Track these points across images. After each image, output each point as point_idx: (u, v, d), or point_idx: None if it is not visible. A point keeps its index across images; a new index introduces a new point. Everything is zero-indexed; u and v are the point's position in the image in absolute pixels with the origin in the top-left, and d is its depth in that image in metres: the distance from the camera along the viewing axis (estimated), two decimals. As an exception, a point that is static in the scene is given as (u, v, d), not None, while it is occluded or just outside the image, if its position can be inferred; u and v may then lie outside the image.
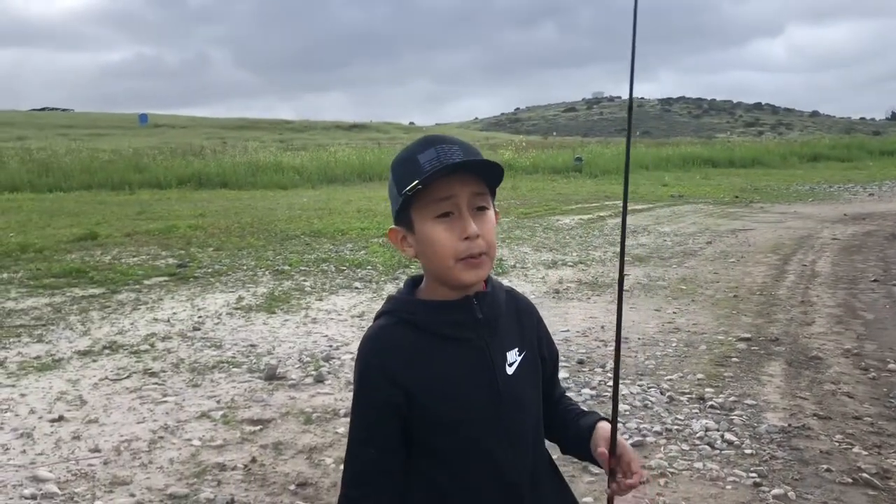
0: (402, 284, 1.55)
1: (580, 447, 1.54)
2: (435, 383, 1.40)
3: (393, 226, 1.50)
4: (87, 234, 11.49)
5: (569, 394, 1.66)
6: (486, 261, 1.42)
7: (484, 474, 1.43)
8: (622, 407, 4.67)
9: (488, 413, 1.43)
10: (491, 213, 1.45)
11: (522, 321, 1.56)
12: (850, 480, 3.69)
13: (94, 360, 5.63)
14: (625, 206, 1.51)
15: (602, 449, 1.44)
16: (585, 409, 1.65)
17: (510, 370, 1.47)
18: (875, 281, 9.04)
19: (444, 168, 1.36)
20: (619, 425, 4.21)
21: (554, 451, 1.61)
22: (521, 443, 1.48)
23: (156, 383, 5.14)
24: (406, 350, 1.41)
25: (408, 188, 1.38)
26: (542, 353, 1.58)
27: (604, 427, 1.50)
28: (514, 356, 1.49)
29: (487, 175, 1.43)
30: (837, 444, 4.14)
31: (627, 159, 1.62)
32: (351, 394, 4.39)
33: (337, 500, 1.49)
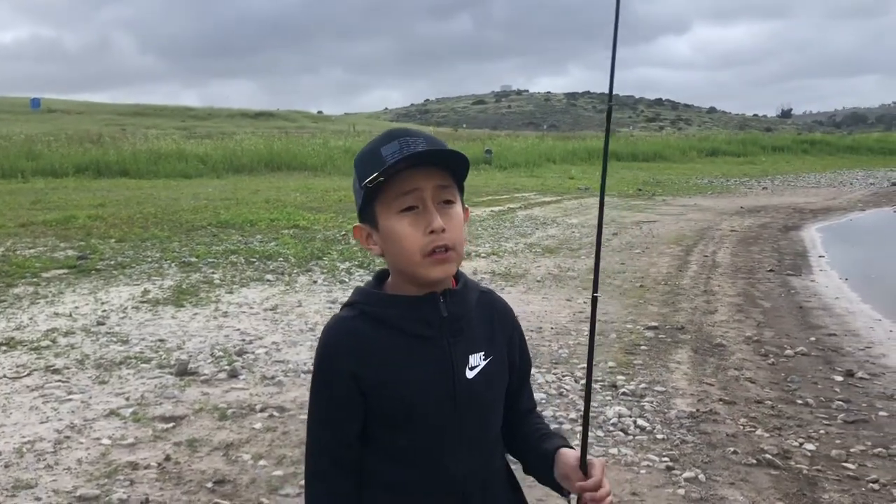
0: (369, 278, 1.51)
1: (541, 472, 1.48)
2: (389, 380, 1.38)
3: (358, 223, 1.46)
4: (-23, 224, 10.87)
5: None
6: (452, 256, 1.38)
7: (432, 477, 1.40)
8: (538, 395, 4.75)
9: (442, 414, 1.40)
10: (458, 207, 1.41)
11: (495, 325, 1.50)
12: (754, 461, 3.88)
13: (-10, 358, 5.34)
14: (600, 215, 1.49)
15: (578, 484, 1.37)
16: (550, 426, 1.58)
17: (470, 374, 1.42)
18: (771, 271, 9.50)
19: (406, 158, 1.32)
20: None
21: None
22: (476, 449, 1.44)
23: (59, 381, 4.91)
24: (363, 344, 1.38)
25: (368, 180, 1.35)
26: (514, 358, 1.53)
27: (566, 454, 1.43)
28: (477, 360, 1.44)
29: (453, 167, 1.39)
30: (742, 427, 4.34)
31: (605, 159, 1.58)
32: (266, 388, 4.30)
33: (304, 476, 1.47)
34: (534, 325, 6.50)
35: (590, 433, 4.14)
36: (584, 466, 1.38)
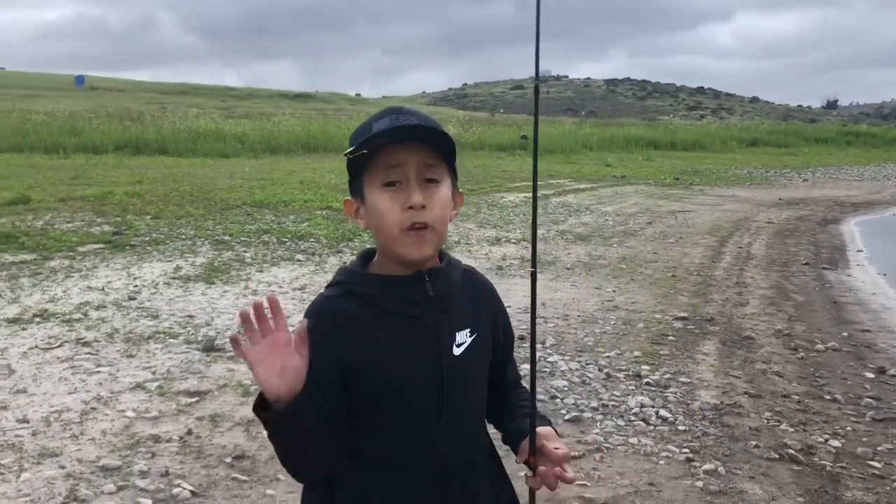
0: (352, 257, 1.52)
1: (515, 446, 1.49)
2: (376, 361, 1.37)
3: (348, 197, 1.47)
4: (19, 198, 11.08)
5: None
6: (430, 235, 1.38)
7: (418, 455, 1.41)
8: (561, 382, 4.73)
9: (429, 393, 1.40)
10: (443, 188, 1.41)
11: (479, 302, 1.52)
12: (776, 456, 3.82)
13: (24, 329, 5.46)
14: (534, 202, 1.49)
15: (520, 459, 1.41)
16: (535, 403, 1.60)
17: (457, 351, 1.43)
18: (806, 264, 9.33)
19: (390, 131, 1.33)
20: (557, 402, 4.25)
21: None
22: (460, 427, 1.45)
23: (89, 353, 5.00)
24: (349, 323, 1.38)
25: (348, 150, 1.36)
26: (497, 335, 1.54)
27: (544, 430, 1.43)
28: (463, 337, 1.45)
29: (441, 147, 1.39)
30: (766, 421, 4.27)
31: (535, 144, 1.59)
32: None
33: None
34: (560, 312, 6.47)
35: (611, 422, 4.15)
36: (533, 449, 1.39)
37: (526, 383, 1.58)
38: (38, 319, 5.68)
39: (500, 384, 1.57)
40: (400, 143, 1.35)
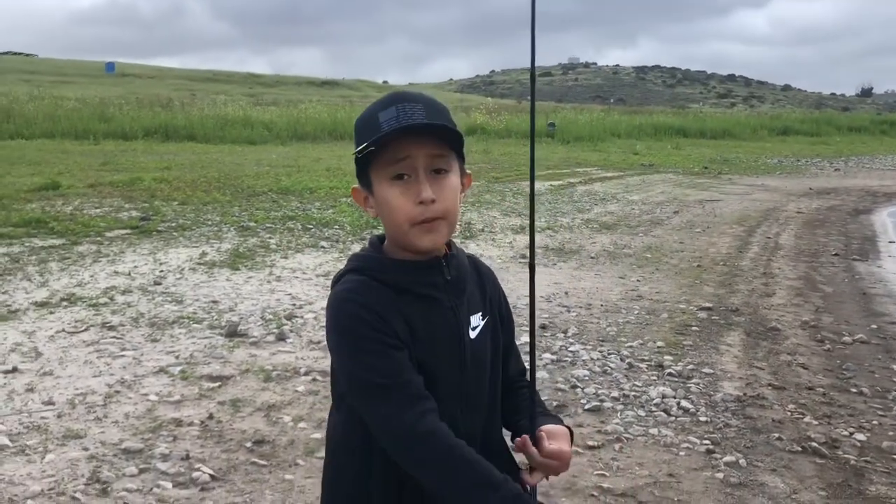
0: (364, 244, 1.52)
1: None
2: (409, 344, 1.38)
3: (356, 185, 1.48)
4: (49, 183, 11.23)
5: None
6: (442, 226, 1.39)
7: None
8: (582, 372, 4.71)
9: (453, 375, 1.42)
10: (452, 176, 1.40)
11: (485, 286, 1.54)
12: (799, 449, 3.77)
13: (52, 312, 5.54)
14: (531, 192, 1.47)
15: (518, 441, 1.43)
16: (545, 398, 1.60)
17: (473, 334, 1.46)
18: (836, 255, 9.19)
19: (395, 131, 1.33)
20: (578, 391, 4.23)
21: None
22: (474, 409, 1.46)
23: (114, 337, 5.07)
24: (385, 305, 1.38)
25: (358, 150, 1.37)
26: (502, 319, 1.57)
27: (554, 427, 1.45)
28: (477, 320, 1.48)
29: (449, 136, 1.38)
30: (790, 413, 4.22)
31: (532, 131, 1.56)
32: (312, 352, 4.32)
33: (397, 435, 1.34)
34: (583, 301, 6.43)
35: (631, 412, 4.12)
36: (534, 441, 1.42)
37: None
38: (65, 303, 5.76)
39: (504, 371, 1.57)
40: (408, 136, 1.35)
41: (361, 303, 1.36)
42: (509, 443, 1.55)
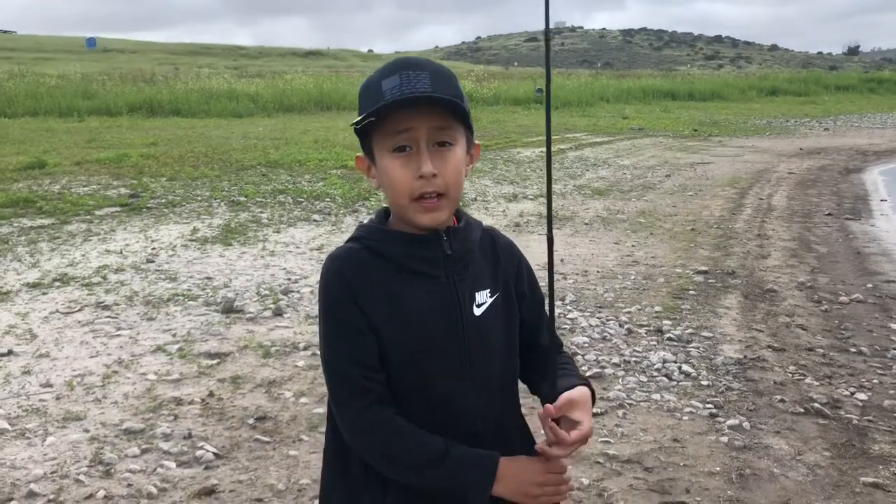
0: (371, 215, 1.48)
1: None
2: (394, 316, 1.35)
3: (360, 153, 1.43)
4: (35, 162, 11.08)
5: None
6: (443, 203, 1.34)
7: (444, 417, 1.37)
8: (581, 339, 4.70)
9: (450, 353, 1.37)
10: (456, 150, 1.36)
11: (500, 262, 1.48)
12: (801, 410, 3.78)
13: (44, 293, 5.48)
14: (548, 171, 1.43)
15: (543, 410, 1.35)
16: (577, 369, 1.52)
17: (478, 311, 1.41)
18: (829, 215, 9.19)
19: (395, 102, 1.28)
20: (578, 359, 4.21)
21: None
22: (485, 388, 1.41)
23: (109, 316, 5.02)
24: (369, 276, 1.36)
25: (356, 121, 1.33)
26: (522, 289, 1.49)
27: (575, 393, 1.37)
28: (484, 297, 1.42)
29: (454, 107, 1.33)
30: (790, 375, 4.23)
31: (548, 98, 1.53)
32: (311, 327, 4.26)
33: (344, 428, 1.37)
34: (580, 268, 6.41)
35: (633, 378, 4.12)
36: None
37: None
38: (57, 284, 5.70)
39: (533, 347, 1.49)
40: (411, 106, 1.29)
41: (337, 269, 1.37)
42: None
